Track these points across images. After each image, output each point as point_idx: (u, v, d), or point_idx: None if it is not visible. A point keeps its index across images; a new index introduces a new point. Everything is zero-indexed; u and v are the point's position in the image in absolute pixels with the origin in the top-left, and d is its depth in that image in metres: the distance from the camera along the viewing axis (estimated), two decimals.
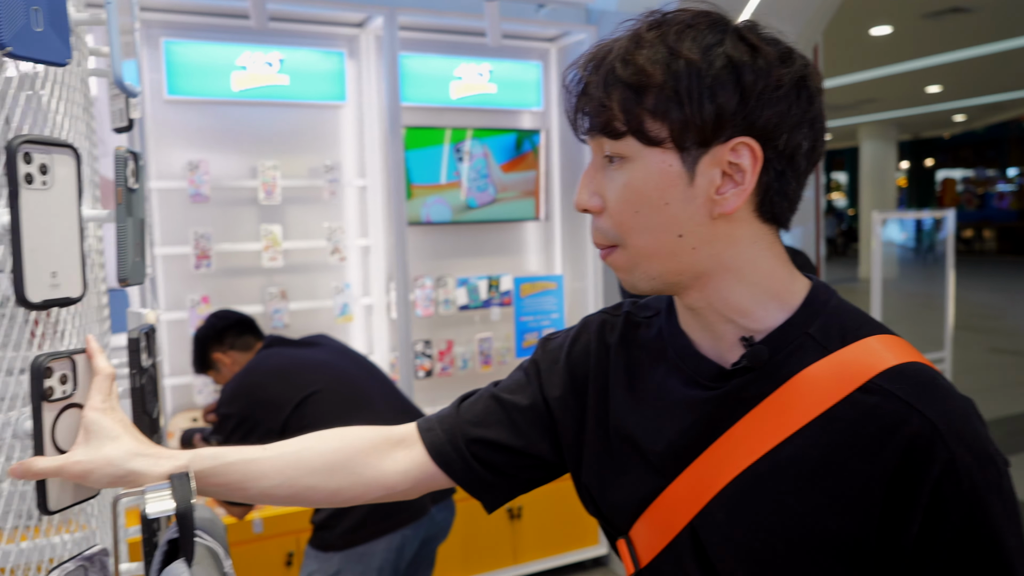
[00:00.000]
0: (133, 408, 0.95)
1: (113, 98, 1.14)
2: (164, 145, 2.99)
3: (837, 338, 0.75)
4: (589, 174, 0.78)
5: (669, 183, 0.73)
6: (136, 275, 0.95)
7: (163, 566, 0.71)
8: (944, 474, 0.67)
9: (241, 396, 2.13)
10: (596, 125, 0.75)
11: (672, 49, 0.71)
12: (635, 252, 0.76)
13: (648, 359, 0.86)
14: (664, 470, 0.80)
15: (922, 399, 0.69)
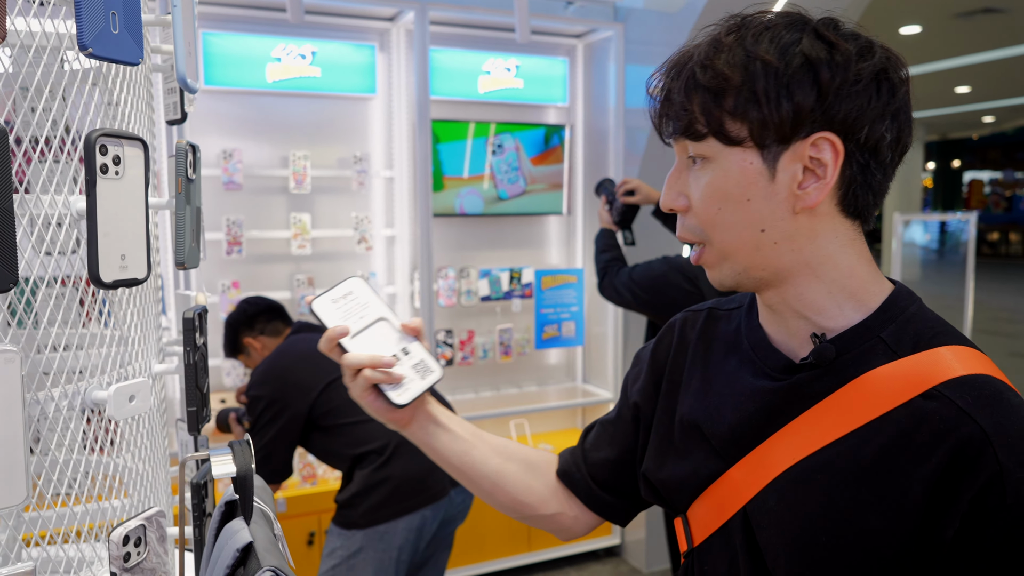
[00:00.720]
0: (186, 383, 1.02)
1: (168, 92, 1.21)
2: (199, 134, 3.08)
3: (909, 345, 0.75)
4: (674, 175, 0.83)
5: (750, 180, 0.76)
6: (192, 260, 1.02)
7: (221, 524, 0.78)
8: (990, 484, 0.66)
9: (271, 379, 2.21)
10: (679, 128, 0.79)
11: (749, 52, 0.75)
12: (720, 248, 0.80)
13: (723, 350, 0.90)
14: (726, 455, 0.84)
15: (981, 409, 0.68)
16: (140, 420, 1.02)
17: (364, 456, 2.15)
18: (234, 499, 0.80)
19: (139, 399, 0.90)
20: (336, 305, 0.95)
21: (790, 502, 0.76)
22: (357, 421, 2.18)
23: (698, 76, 0.76)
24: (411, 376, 0.95)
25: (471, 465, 1.03)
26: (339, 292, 0.96)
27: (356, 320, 0.95)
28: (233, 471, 0.74)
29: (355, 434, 2.17)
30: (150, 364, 1.04)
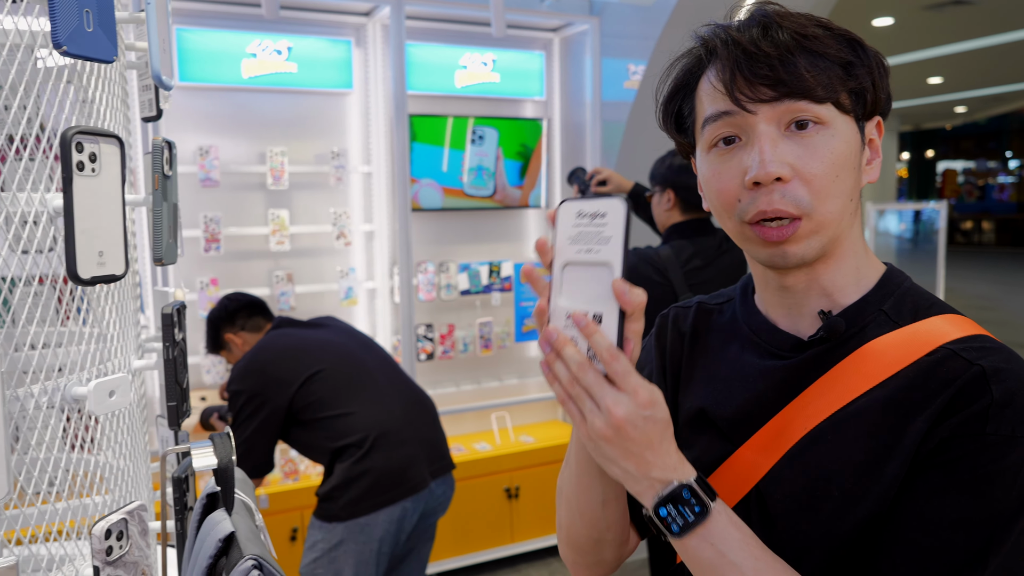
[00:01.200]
0: (166, 378, 1.03)
1: (143, 89, 1.22)
2: (175, 130, 3.06)
3: (909, 315, 0.79)
4: (769, 144, 0.76)
5: (857, 150, 0.79)
6: (170, 256, 1.03)
7: (202, 516, 0.80)
8: (977, 414, 0.70)
9: (251, 374, 2.21)
10: (793, 92, 0.75)
11: (836, 29, 0.78)
12: (821, 219, 0.77)
13: (721, 341, 0.92)
14: (734, 436, 0.85)
15: (984, 356, 0.73)
16: (120, 416, 1.02)
17: (344, 449, 2.16)
18: (215, 491, 0.81)
19: (119, 395, 0.91)
20: (578, 221, 0.76)
21: (805, 466, 0.78)
22: (337, 415, 2.19)
23: (803, 42, 0.76)
24: (580, 345, 0.76)
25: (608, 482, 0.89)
26: (591, 207, 0.76)
27: (582, 251, 0.76)
28: (214, 463, 0.75)
29: (335, 427, 2.18)
30: (129, 360, 1.04)
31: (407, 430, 2.23)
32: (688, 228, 2.34)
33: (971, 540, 0.69)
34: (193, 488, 1.05)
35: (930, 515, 0.71)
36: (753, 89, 0.76)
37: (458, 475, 3.35)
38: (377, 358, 2.40)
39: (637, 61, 3.52)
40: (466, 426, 3.71)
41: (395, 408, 2.26)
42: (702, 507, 0.72)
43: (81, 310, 0.97)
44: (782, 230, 0.77)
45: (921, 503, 0.72)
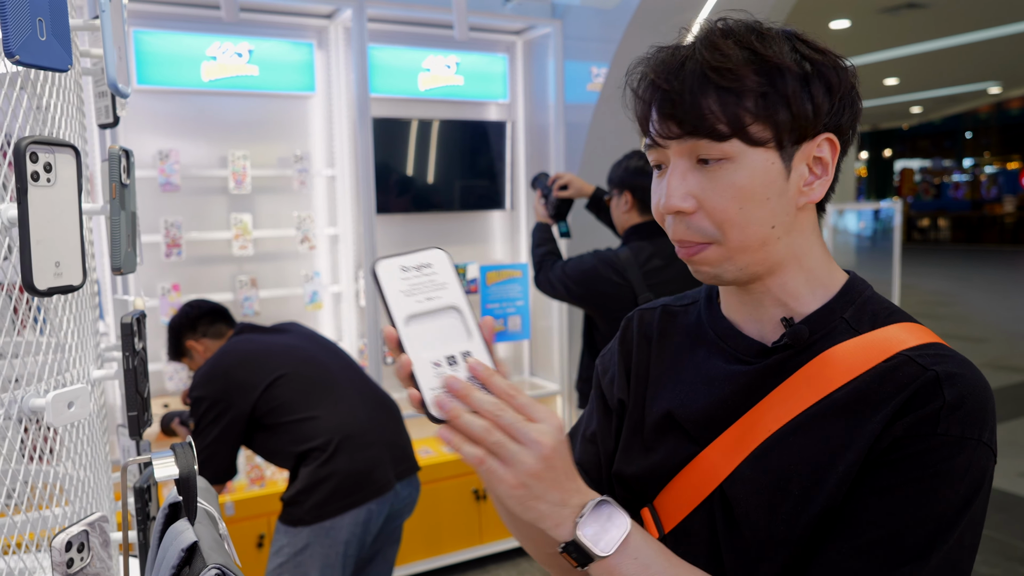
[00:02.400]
0: (126, 388, 1.02)
1: (99, 96, 1.20)
2: (134, 134, 3.02)
3: (868, 323, 0.82)
4: (678, 177, 0.80)
5: (771, 180, 0.79)
6: (129, 265, 1.02)
7: (165, 527, 0.79)
8: (929, 415, 0.73)
9: (213, 379, 2.19)
10: (697, 129, 0.78)
11: (764, 55, 0.78)
12: (732, 247, 0.80)
13: (688, 343, 0.94)
14: (699, 438, 0.87)
15: (938, 363, 0.75)
16: (80, 427, 1.01)
17: (308, 453, 2.15)
18: (178, 501, 0.81)
19: (78, 406, 0.90)
20: (405, 275, 0.76)
21: (766, 467, 0.80)
22: (300, 419, 2.18)
23: (712, 77, 0.77)
24: None
25: None
26: (413, 260, 0.76)
27: (422, 300, 0.75)
28: (176, 473, 0.75)
29: (298, 431, 2.17)
30: (88, 370, 1.03)
31: (371, 433, 2.23)
32: (646, 229, 2.37)
33: (916, 535, 0.72)
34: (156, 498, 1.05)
35: (878, 509, 0.73)
36: (662, 125, 0.80)
37: (427, 477, 3.35)
38: (340, 362, 2.39)
39: (600, 64, 3.55)
40: (434, 428, 3.70)
41: (359, 411, 2.25)
42: (621, 519, 0.74)
43: (38, 320, 0.96)
44: (689, 249, 0.83)
45: (870, 498, 0.74)
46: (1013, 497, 4.33)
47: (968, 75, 13.58)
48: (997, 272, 15.38)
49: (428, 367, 0.74)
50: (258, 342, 2.33)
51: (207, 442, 2.16)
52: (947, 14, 8.68)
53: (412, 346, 0.74)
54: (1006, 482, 4.45)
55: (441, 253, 0.77)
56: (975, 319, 10.03)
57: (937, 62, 11.76)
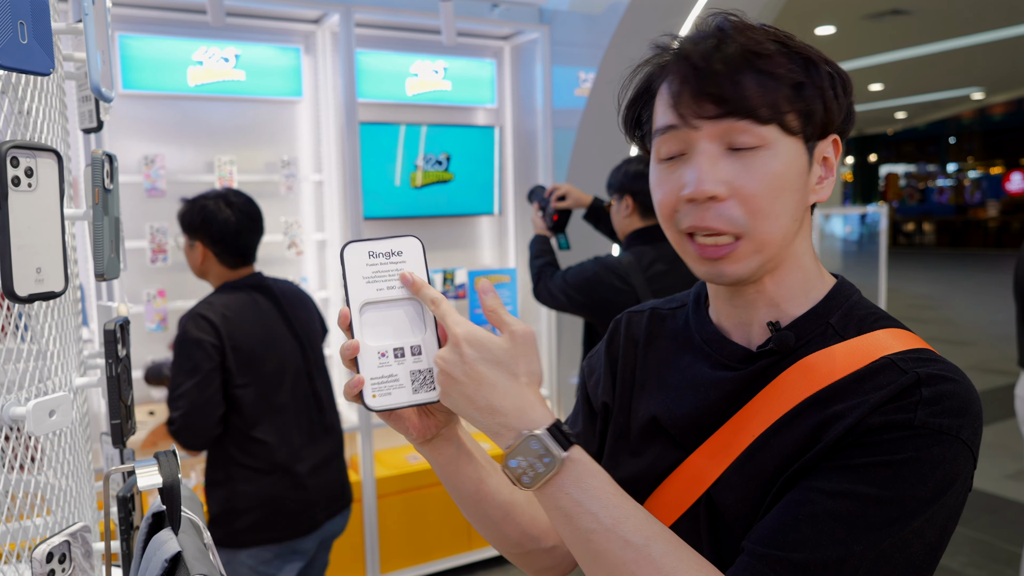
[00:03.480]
0: (109, 395, 1.00)
1: (83, 100, 1.19)
2: (119, 139, 2.99)
3: (854, 329, 0.81)
4: (709, 162, 0.77)
5: (801, 171, 0.79)
6: (112, 271, 1.01)
7: (148, 536, 0.78)
8: (910, 405, 0.71)
9: (207, 325, 2.10)
10: (736, 111, 0.75)
11: (792, 47, 0.77)
12: (760, 239, 0.78)
13: (674, 348, 0.93)
14: (685, 444, 0.86)
15: (922, 367, 0.74)
16: (62, 435, 1.00)
17: (245, 467, 2.14)
18: (161, 510, 0.79)
19: (59, 414, 0.89)
20: (371, 261, 0.76)
21: (750, 472, 0.80)
22: (250, 436, 2.12)
23: (753, 61, 0.75)
24: (403, 380, 0.75)
25: (485, 494, 0.90)
26: (383, 247, 0.76)
27: (383, 288, 0.75)
28: (159, 482, 0.74)
29: (247, 447, 2.13)
30: (70, 378, 1.02)
31: (311, 478, 2.18)
32: (648, 234, 2.36)
33: (875, 515, 0.70)
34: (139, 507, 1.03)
35: (841, 484, 0.71)
36: (698, 105, 0.77)
37: (414, 484, 3.34)
38: (305, 376, 2.26)
39: (587, 69, 3.56)
40: None
41: (304, 449, 2.19)
42: (552, 458, 0.72)
43: (19, 327, 0.94)
44: (719, 248, 0.79)
45: (836, 473, 0.72)
46: (1000, 499, 4.36)
47: (951, 81, 13.72)
48: (981, 276, 15.52)
49: (373, 356, 0.75)
50: (255, 324, 2.19)
51: (186, 388, 2.06)
52: (931, 20, 8.76)
53: (362, 333, 0.75)
54: (993, 484, 4.48)
55: (415, 242, 0.77)
56: (960, 322, 10.11)
57: (921, 68, 11.87)
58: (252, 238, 2.25)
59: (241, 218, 2.20)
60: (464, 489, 0.89)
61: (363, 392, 0.74)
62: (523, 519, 0.93)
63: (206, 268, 2.25)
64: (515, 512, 0.92)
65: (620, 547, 0.71)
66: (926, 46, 10.30)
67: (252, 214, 2.24)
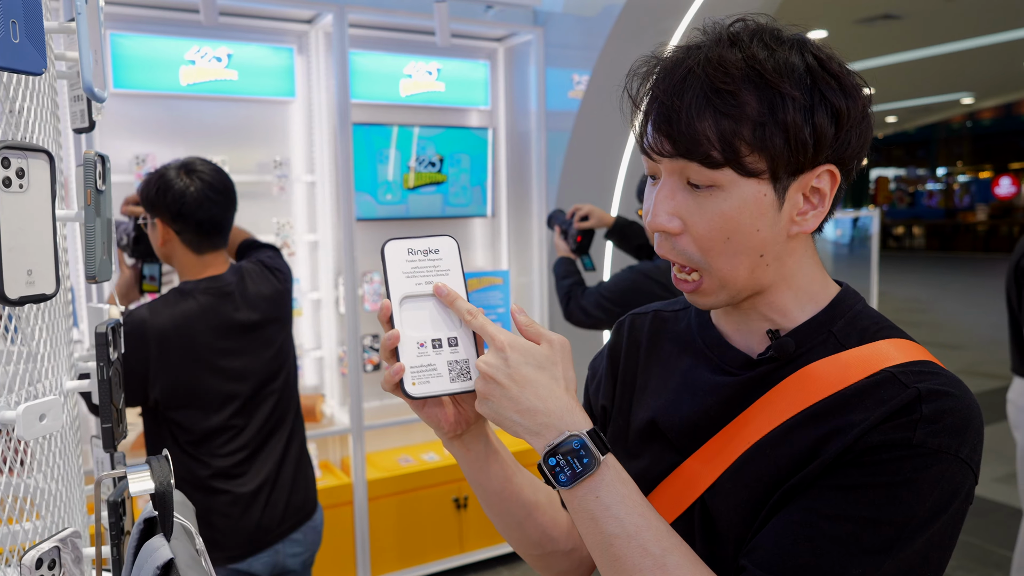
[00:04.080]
0: (100, 399, 0.99)
1: (74, 100, 1.18)
2: (111, 139, 2.97)
3: (855, 338, 0.80)
4: (666, 195, 0.78)
5: (762, 211, 0.76)
6: (104, 273, 1.00)
7: (140, 543, 0.77)
8: (909, 424, 0.71)
9: (142, 343, 1.82)
10: (688, 152, 0.74)
11: (769, 80, 0.73)
12: (721, 276, 0.79)
13: (676, 350, 0.93)
14: (682, 448, 0.86)
15: (921, 380, 0.73)
16: (52, 439, 0.98)
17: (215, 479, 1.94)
18: (153, 516, 0.79)
19: (50, 417, 0.88)
20: (410, 258, 0.80)
21: (745, 479, 0.79)
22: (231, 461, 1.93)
23: (713, 100, 0.73)
24: (440, 370, 0.79)
25: (510, 493, 0.91)
26: (421, 244, 0.81)
27: (421, 283, 0.80)
28: (151, 487, 0.73)
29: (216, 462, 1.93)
30: (61, 381, 1.00)
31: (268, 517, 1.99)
32: None
33: (873, 538, 0.70)
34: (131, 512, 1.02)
35: (840, 506, 0.72)
36: (657, 141, 0.78)
37: (406, 486, 3.32)
38: (269, 407, 2.01)
39: (581, 71, 3.56)
40: (414, 436, 3.68)
41: (271, 480, 2.00)
42: (591, 459, 0.74)
43: (9, 329, 0.93)
44: (687, 283, 0.82)
45: (832, 492, 0.72)
46: (990, 503, 4.38)
47: (941, 85, 13.80)
48: (971, 279, 15.60)
49: (413, 346, 0.79)
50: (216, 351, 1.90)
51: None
52: (922, 25, 8.82)
53: (402, 324, 0.79)
54: (982, 488, 4.50)
55: (451, 241, 0.82)
56: (950, 326, 10.16)
57: (911, 72, 11.94)
58: (218, 212, 1.90)
59: (203, 188, 1.87)
60: (491, 487, 0.90)
61: (403, 380, 0.77)
62: (544, 519, 0.95)
63: (169, 250, 1.92)
64: (537, 512, 0.94)
65: (639, 554, 0.73)
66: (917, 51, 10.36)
67: (218, 185, 1.91)
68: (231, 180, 1.99)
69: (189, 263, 1.94)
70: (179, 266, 1.95)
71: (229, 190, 1.96)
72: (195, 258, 1.93)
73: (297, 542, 2.06)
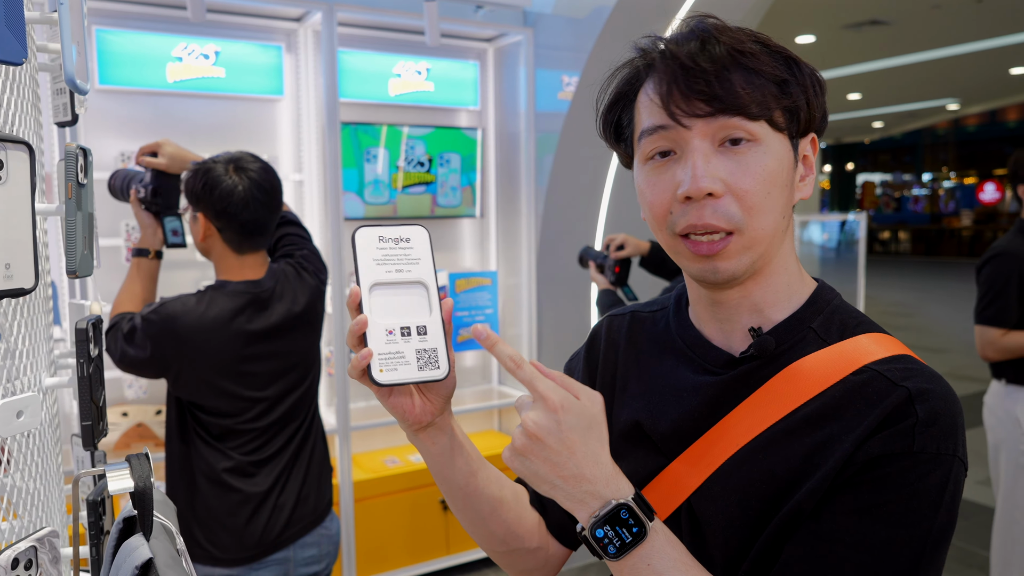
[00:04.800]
0: (80, 396, 0.98)
1: (57, 92, 1.16)
2: (96, 135, 2.94)
3: (836, 333, 0.81)
4: (702, 159, 0.76)
5: (790, 166, 0.80)
6: (85, 268, 0.98)
7: (119, 542, 0.76)
8: (907, 430, 0.71)
9: (170, 336, 1.82)
10: (729, 108, 0.75)
11: (772, 46, 0.78)
12: (753, 235, 0.77)
13: (656, 351, 0.92)
14: (667, 450, 0.85)
15: (907, 378, 0.74)
16: (30, 436, 0.97)
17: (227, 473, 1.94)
18: (133, 515, 0.77)
19: (28, 415, 0.86)
20: (381, 245, 0.80)
21: (735, 483, 0.79)
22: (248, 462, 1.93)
23: (740, 59, 0.76)
24: (409, 358, 0.77)
25: (475, 488, 0.90)
26: (393, 232, 0.80)
27: (391, 271, 0.79)
28: (130, 486, 0.71)
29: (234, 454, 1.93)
30: (40, 378, 0.99)
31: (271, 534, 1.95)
32: None
33: (898, 560, 0.71)
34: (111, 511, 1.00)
35: (859, 532, 0.72)
36: (689, 104, 0.77)
37: (393, 488, 3.31)
38: (288, 411, 2.00)
39: (571, 72, 3.56)
40: (402, 437, 3.67)
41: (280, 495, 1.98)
42: (640, 528, 0.71)
43: None
44: (712, 244, 0.78)
45: (848, 518, 0.72)
46: (973, 505, 4.40)
47: (927, 92, 13.91)
48: (955, 284, 15.72)
49: (381, 333, 0.77)
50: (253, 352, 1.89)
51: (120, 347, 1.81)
52: (908, 32, 8.88)
53: (371, 311, 0.78)
54: (966, 490, 4.52)
55: (422, 230, 0.81)
56: (935, 330, 10.24)
57: (898, 78, 12.03)
58: (263, 214, 1.88)
59: (251, 188, 1.84)
60: (455, 481, 0.89)
61: (370, 366, 0.76)
62: (510, 516, 0.93)
63: (208, 246, 1.91)
64: (503, 508, 0.92)
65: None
66: (903, 57, 10.44)
67: (267, 185, 1.88)
68: (279, 180, 1.94)
69: (228, 262, 1.91)
70: (217, 263, 1.93)
71: (276, 190, 1.92)
72: (235, 257, 1.91)
73: (310, 546, 2.02)
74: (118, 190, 2.11)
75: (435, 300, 0.80)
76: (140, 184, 2.02)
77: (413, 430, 0.85)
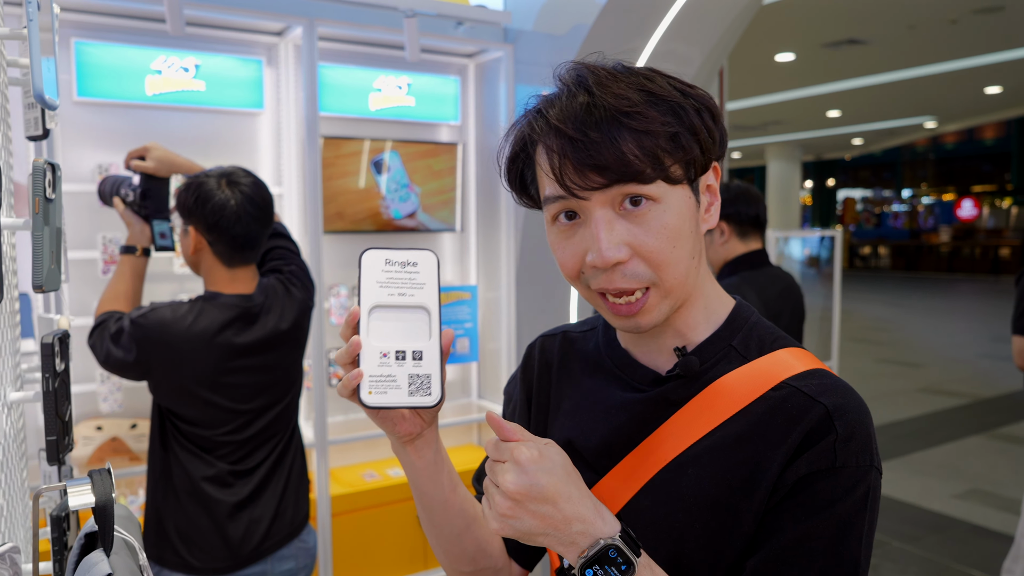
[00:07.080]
0: (45, 411, 0.98)
1: (28, 107, 1.16)
2: (72, 147, 2.93)
3: (756, 350, 0.85)
4: (605, 228, 0.78)
5: (691, 213, 0.81)
6: (52, 282, 0.98)
7: (80, 558, 0.76)
8: (826, 449, 0.76)
9: (153, 343, 1.82)
10: (623, 176, 0.76)
11: (657, 94, 0.78)
12: (667, 286, 0.80)
13: (586, 370, 0.95)
14: (599, 467, 0.88)
15: (824, 394, 0.79)
16: None
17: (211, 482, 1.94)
18: (95, 530, 0.77)
19: None
20: (387, 268, 0.79)
21: (663, 499, 0.82)
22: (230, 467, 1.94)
23: (626, 123, 0.76)
24: (400, 382, 0.77)
25: (454, 503, 0.91)
26: (401, 256, 0.80)
27: (394, 294, 0.79)
28: (92, 502, 0.72)
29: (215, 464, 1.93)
30: (5, 392, 0.98)
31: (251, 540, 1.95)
32: (755, 257, 2.26)
33: (843, 564, 0.76)
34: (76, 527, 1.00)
35: (803, 546, 0.76)
36: (583, 178, 0.77)
37: (372, 502, 3.29)
38: (269, 424, 2.00)
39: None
40: (380, 451, 3.66)
41: (261, 503, 1.98)
42: (628, 565, 0.73)
43: None
44: (631, 306, 0.81)
45: (795, 532, 0.76)
46: (948, 519, 4.44)
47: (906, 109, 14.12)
48: (933, 299, 15.91)
49: (375, 355, 0.77)
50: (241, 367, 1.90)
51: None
52: (887, 51, 9.02)
53: (367, 332, 0.78)
54: (941, 504, 4.57)
55: (431, 256, 0.81)
56: (912, 344, 10.34)
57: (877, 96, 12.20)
58: (255, 228, 1.89)
59: (243, 202, 1.86)
60: (436, 495, 0.90)
61: (360, 387, 0.76)
62: (482, 533, 0.95)
63: (198, 259, 1.92)
64: (475, 525, 0.94)
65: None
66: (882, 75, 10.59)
67: (259, 199, 1.89)
68: (271, 194, 1.96)
69: (218, 275, 1.93)
70: (207, 276, 1.95)
71: (268, 205, 1.94)
72: (225, 271, 1.93)
73: (287, 559, 2.02)
74: (107, 195, 2.09)
75: (436, 326, 0.79)
76: (129, 188, 2.02)
77: (402, 443, 0.86)
